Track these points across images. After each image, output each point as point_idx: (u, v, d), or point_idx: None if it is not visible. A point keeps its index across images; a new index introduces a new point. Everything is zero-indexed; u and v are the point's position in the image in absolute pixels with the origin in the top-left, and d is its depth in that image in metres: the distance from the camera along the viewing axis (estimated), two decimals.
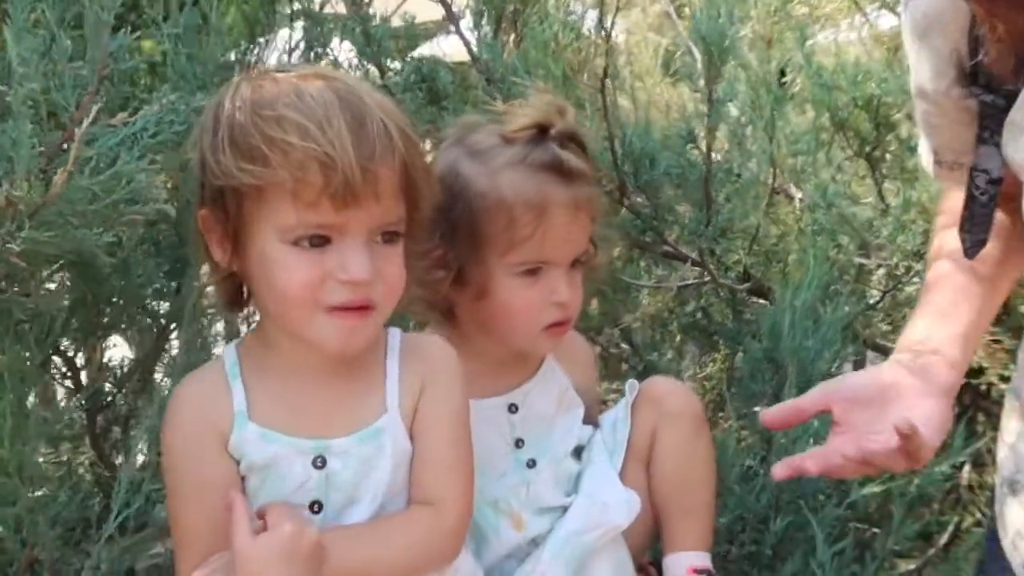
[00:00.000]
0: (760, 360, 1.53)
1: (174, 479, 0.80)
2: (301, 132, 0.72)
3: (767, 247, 1.94)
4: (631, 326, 2.01)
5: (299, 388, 0.82)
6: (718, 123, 1.41)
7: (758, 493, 1.39)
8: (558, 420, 1.05)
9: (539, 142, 0.96)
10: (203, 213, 0.78)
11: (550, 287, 0.96)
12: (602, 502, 1.01)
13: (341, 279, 0.75)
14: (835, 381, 0.91)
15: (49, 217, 0.68)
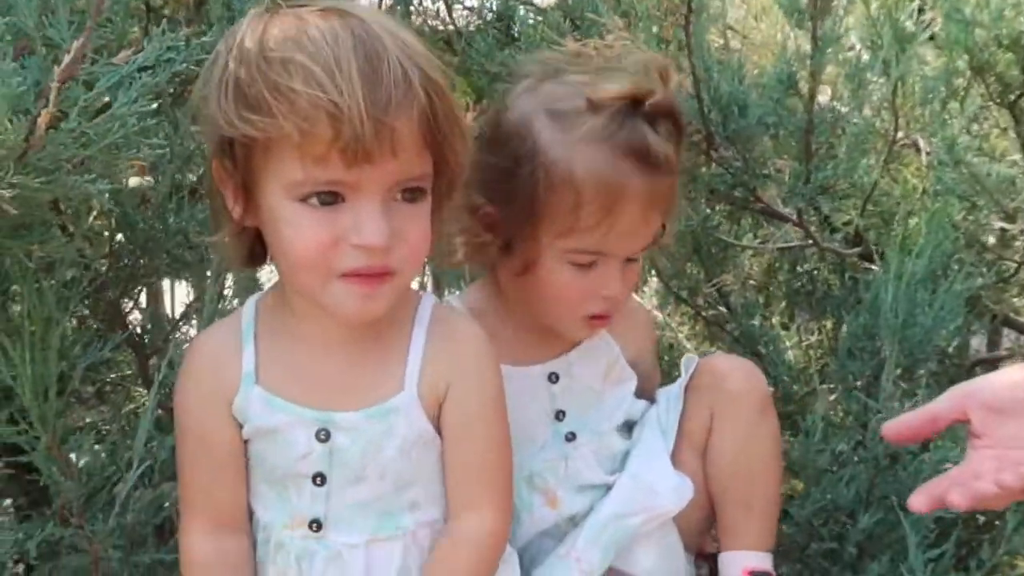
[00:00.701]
0: (860, 335, 1.37)
1: (180, 435, 0.78)
2: (306, 78, 0.64)
3: (885, 207, 1.74)
4: (730, 288, 1.87)
5: (312, 354, 0.77)
6: (824, 65, 1.24)
7: (847, 483, 1.25)
8: (605, 393, 0.97)
9: (629, 116, 0.84)
10: (215, 164, 0.72)
11: (602, 280, 0.88)
12: (649, 484, 0.92)
13: (355, 243, 0.68)
14: (974, 383, 0.76)
15: (40, 162, 0.65)
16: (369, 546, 0.77)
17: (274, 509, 0.79)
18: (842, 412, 1.53)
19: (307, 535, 0.77)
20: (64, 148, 0.66)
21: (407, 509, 0.79)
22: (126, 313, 1.08)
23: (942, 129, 1.53)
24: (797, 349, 1.93)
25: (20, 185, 0.65)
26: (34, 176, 0.65)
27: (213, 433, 0.76)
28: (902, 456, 1.24)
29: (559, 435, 0.94)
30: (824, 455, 1.28)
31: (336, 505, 0.77)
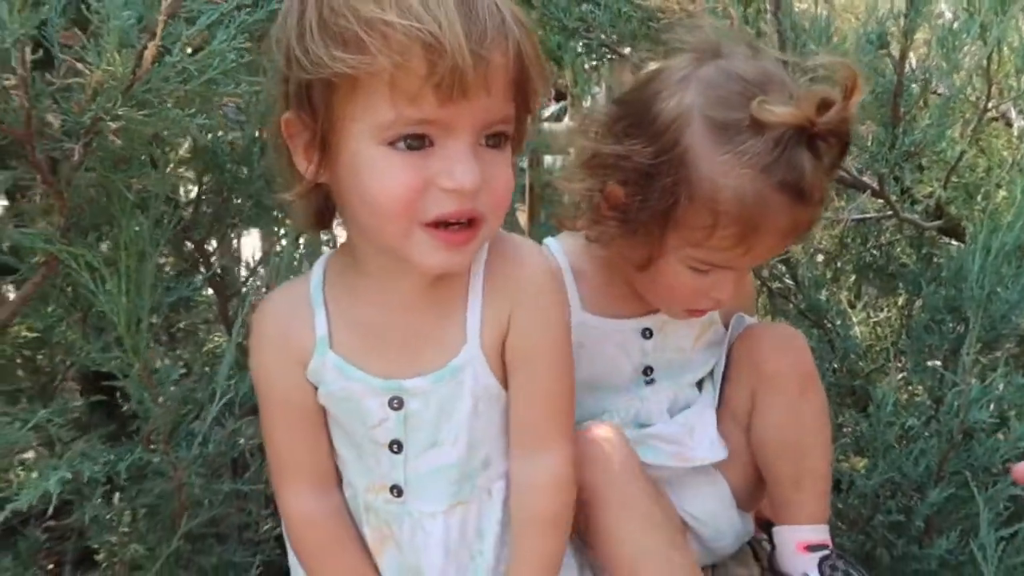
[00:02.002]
0: (940, 308, 1.33)
1: (261, 400, 0.79)
2: (401, 9, 0.61)
3: (971, 180, 1.67)
4: (798, 260, 1.83)
5: (380, 317, 0.75)
6: (917, 26, 1.19)
7: (917, 457, 1.23)
8: (695, 355, 0.96)
9: (793, 144, 0.78)
10: (287, 117, 0.68)
11: (717, 285, 0.85)
12: (690, 426, 0.92)
13: (446, 187, 0.65)
14: None
15: (142, 96, 0.67)
16: (447, 513, 0.78)
17: (356, 472, 0.79)
18: (911, 389, 1.50)
19: (390, 500, 0.78)
20: (167, 82, 0.68)
21: (481, 468, 0.79)
22: (210, 255, 1.11)
23: None
24: (864, 326, 1.88)
25: (125, 117, 0.67)
26: (138, 109, 0.67)
27: (292, 396, 0.77)
28: (976, 432, 1.21)
29: (639, 382, 0.94)
30: (893, 429, 1.26)
31: (414, 471, 0.77)
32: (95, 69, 0.65)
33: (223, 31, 0.70)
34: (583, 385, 0.89)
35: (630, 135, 0.82)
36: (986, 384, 1.20)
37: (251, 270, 1.18)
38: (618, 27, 1.40)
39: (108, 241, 0.83)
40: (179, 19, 0.70)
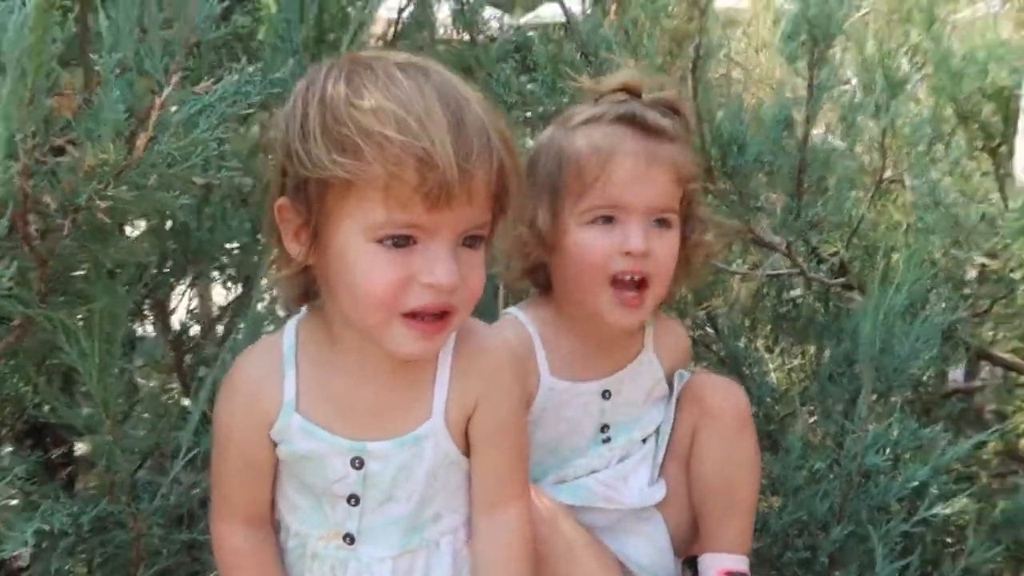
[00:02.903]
0: (841, 362, 1.47)
1: (218, 448, 0.84)
2: (400, 125, 0.68)
3: (870, 241, 1.85)
4: (718, 311, 1.97)
5: (348, 384, 0.81)
6: (818, 110, 1.35)
7: (822, 497, 1.35)
8: (645, 409, 1.06)
9: (625, 102, 0.97)
10: (281, 203, 0.74)
11: (623, 236, 0.93)
12: (624, 475, 1.02)
13: (426, 283, 0.72)
14: None
15: (133, 178, 0.74)
16: (396, 559, 0.84)
17: (310, 522, 0.84)
18: (820, 433, 1.64)
19: (341, 546, 0.84)
20: (154, 167, 0.75)
21: (431, 522, 0.84)
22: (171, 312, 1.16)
23: (926, 171, 1.64)
24: (780, 372, 2.03)
25: (115, 197, 0.74)
26: (127, 190, 0.74)
27: (251, 451, 0.82)
28: (874, 475, 1.35)
29: (598, 441, 1.03)
30: (801, 472, 1.38)
31: (368, 522, 0.83)
32: (90, 153, 0.72)
33: (204, 120, 0.78)
34: (546, 446, 1.00)
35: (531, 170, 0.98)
36: (881, 430, 1.34)
37: (206, 328, 1.23)
38: (553, 99, 1.52)
39: (81, 304, 0.88)
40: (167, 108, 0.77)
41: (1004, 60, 1.52)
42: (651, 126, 0.96)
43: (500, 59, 1.55)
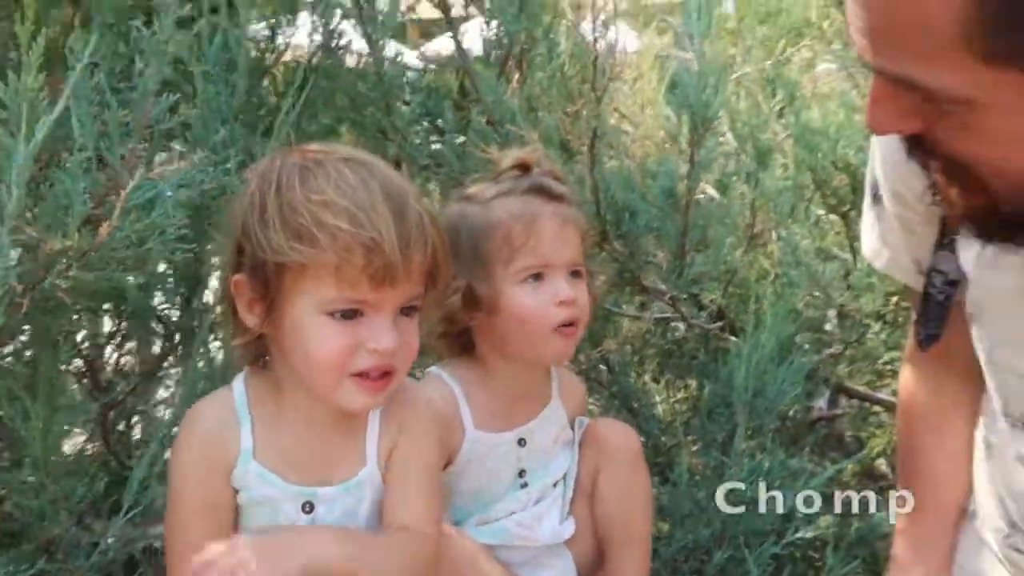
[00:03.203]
0: (718, 403, 1.65)
1: (178, 498, 0.89)
2: (351, 218, 0.80)
3: (744, 289, 2.06)
4: (609, 350, 2.13)
5: (298, 439, 0.90)
6: (698, 183, 1.53)
7: (705, 525, 1.52)
8: (554, 454, 1.18)
9: (522, 176, 1.12)
10: (238, 279, 0.84)
11: (553, 289, 1.07)
12: (539, 516, 1.14)
13: (372, 348, 0.83)
14: None
15: (93, 261, 0.80)
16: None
17: None
18: (702, 465, 1.81)
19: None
20: (114, 251, 0.81)
21: None
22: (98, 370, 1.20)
23: (789, 231, 1.87)
24: (665, 405, 2.22)
25: (76, 278, 0.80)
26: (88, 271, 0.80)
27: (212, 498, 0.88)
28: (750, 504, 1.52)
29: (516, 486, 1.14)
30: (687, 501, 1.55)
31: None
32: (55, 239, 0.78)
33: (160, 206, 0.85)
34: (470, 493, 1.10)
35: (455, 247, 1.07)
36: (755, 463, 1.52)
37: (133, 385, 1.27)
38: (463, 162, 1.64)
39: (26, 370, 0.93)
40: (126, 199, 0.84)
41: (852, 139, 1.76)
42: (557, 193, 1.11)
43: (412, 122, 1.67)
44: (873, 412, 2.38)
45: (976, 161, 0.66)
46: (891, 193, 0.89)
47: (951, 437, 0.99)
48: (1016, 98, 0.60)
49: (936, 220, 0.87)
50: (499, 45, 1.68)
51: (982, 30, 0.57)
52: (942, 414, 1.00)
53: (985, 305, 0.85)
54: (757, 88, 2.19)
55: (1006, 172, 0.65)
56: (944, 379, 0.99)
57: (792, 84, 1.90)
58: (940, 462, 1.00)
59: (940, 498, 1.00)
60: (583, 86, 1.70)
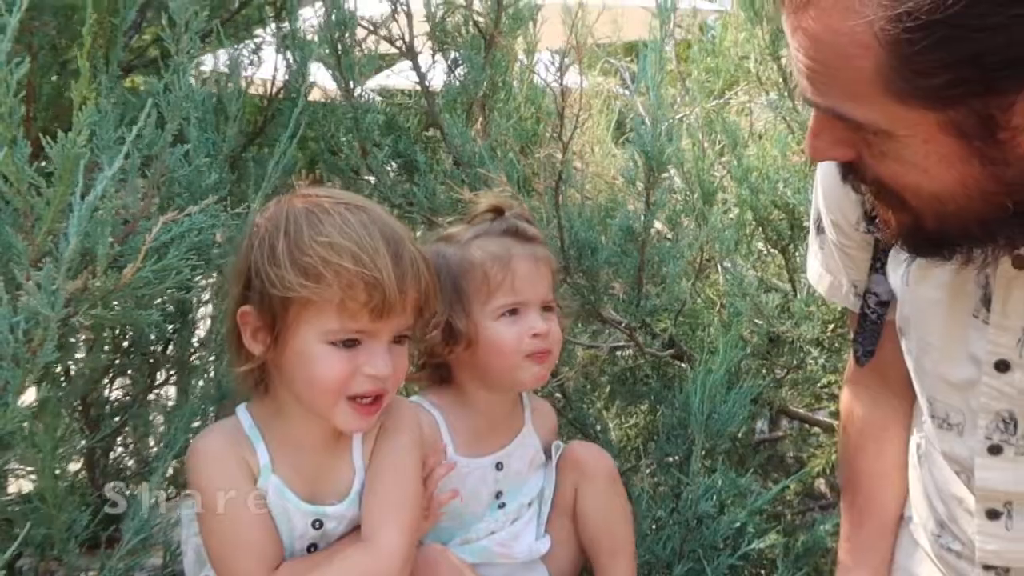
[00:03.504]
0: (675, 425, 1.76)
1: (216, 517, 0.93)
2: (354, 258, 0.89)
3: (693, 318, 2.19)
4: (566, 378, 2.23)
5: (302, 457, 0.98)
6: (653, 222, 1.65)
7: (665, 541, 1.61)
8: (529, 476, 1.27)
9: (496, 219, 1.22)
10: (245, 310, 0.93)
11: (527, 324, 1.16)
12: (516, 534, 1.23)
13: (368, 374, 0.92)
14: None
15: (114, 299, 0.86)
16: None
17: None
18: (659, 485, 1.92)
19: None
20: (134, 289, 0.87)
21: None
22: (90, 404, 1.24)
23: (733, 266, 2.01)
24: (619, 430, 2.32)
25: (97, 316, 0.86)
26: (106, 310, 0.86)
27: (246, 510, 0.93)
28: (705, 520, 1.63)
29: (494, 507, 1.23)
30: (648, 520, 1.64)
31: None
32: (81, 278, 0.84)
33: (175, 248, 0.92)
34: (451, 515, 1.17)
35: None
36: (709, 482, 1.63)
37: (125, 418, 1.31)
38: (432, 202, 1.73)
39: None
40: (140, 234, 0.91)
41: (789, 180, 1.92)
42: (529, 234, 1.22)
43: (385, 162, 1.75)
44: (812, 433, 2.54)
45: (897, 184, 0.77)
46: (831, 223, 1.02)
47: (888, 447, 1.11)
48: (925, 132, 0.71)
49: (869, 247, 1.01)
50: (464, 91, 1.79)
51: (895, 75, 0.68)
52: (879, 426, 1.12)
53: (912, 318, 0.96)
54: (697, 128, 2.34)
55: (921, 194, 0.76)
56: (880, 394, 1.11)
57: (732, 127, 2.04)
58: (878, 471, 1.11)
59: (879, 504, 1.12)
60: (538, 126, 1.82)
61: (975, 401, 0.90)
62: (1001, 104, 0.68)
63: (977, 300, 0.88)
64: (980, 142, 0.70)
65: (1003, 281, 0.85)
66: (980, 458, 0.91)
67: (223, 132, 1.24)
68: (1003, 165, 0.71)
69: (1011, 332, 0.86)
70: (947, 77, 0.66)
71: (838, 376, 2.16)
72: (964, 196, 0.74)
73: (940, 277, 0.90)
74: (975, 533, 0.94)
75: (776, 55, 2.06)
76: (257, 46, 1.66)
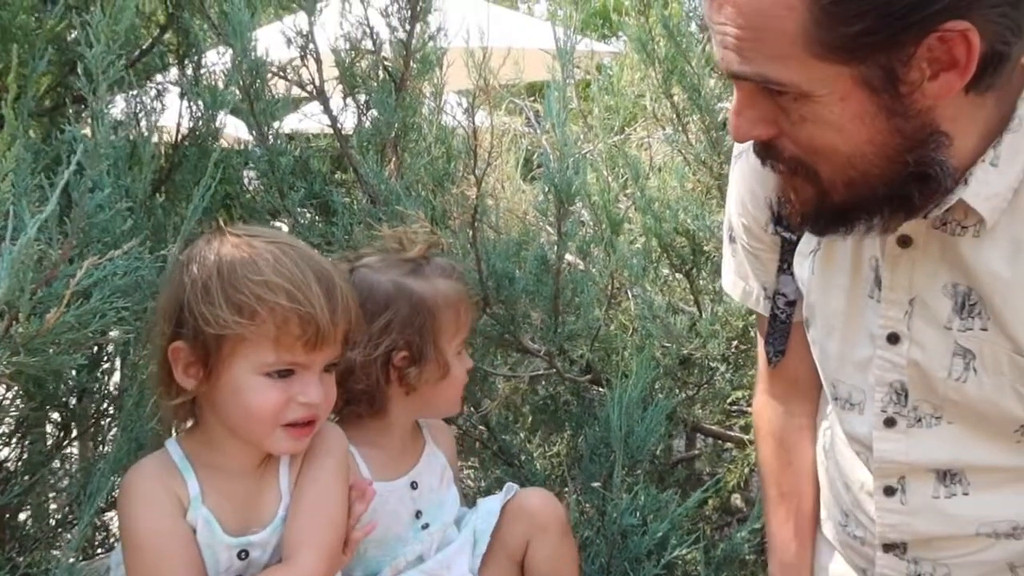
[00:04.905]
0: (597, 444, 1.83)
1: (136, 549, 0.94)
2: (288, 295, 0.93)
3: (607, 343, 2.27)
4: (487, 410, 2.26)
5: (233, 485, 1.00)
6: (565, 252, 1.73)
7: (593, 558, 1.67)
8: (443, 492, 1.30)
9: (426, 260, 1.27)
10: (176, 346, 0.95)
11: (467, 361, 1.27)
12: (447, 564, 1.25)
13: (302, 402, 0.96)
14: None
15: (36, 345, 0.86)
16: None
17: None
18: (583, 506, 1.97)
19: None
20: (57, 335, 0.87)
21: None
22: None
23: (643, 289, 2.11)
24: (543, 459, 2.37)
25: (18, 363, 0.85)
26: (29, 356, 0.86)
27: (175, 541, 0.94)
28: (630, 535, 1.69)
29: (417, 528, 1.24)
30: (575, 541, 1.69)
31: None
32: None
33: (98, 291, 0.92)
34: (375, 541, 1.18)
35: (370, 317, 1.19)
36: (631, 498, 1.70)
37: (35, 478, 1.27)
38: (350, 241, 1.76)
39: None
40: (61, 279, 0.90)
41: (689, 208, 2.04)
42: (464, 278, 1.31)
43: (300, 204, 1.77)
44: (726, 449, 2.65)
45: (812, 150, 0.85)
46: (742, 227, 1.11)
47: (800, 452, 1.19)
48: (841, 89, 0.79)
49: (777, 248, 1.09)
50: (376, 133, 1.84)
51: (813, 30, 0.76)
52: (792, 432, 1.19)
53: (817, 305, 1.04)
54: (601, 163, 2.46)
55: (834, 159, 0.84)
56: (791, 403, 1.19)
57: (634, 160, 2.16)
58: (798, 468, 1.19)
59: (800, 499, 1.19)
60: (449, 165, 1.88)
61: (872, 376, 0.99)
62: (901, 57, 0.76)
63: (871, 282, 0.97)
64: (886, 95, 0.78)
65: (890, 259, 0.94)
66: (877, 431, 1.00)
67: (136, 178, 1.25)
68: (903, 118, 0.80)
69: (898, 305, 0.95)
70: (860, 27, 0.75)
71: (744, 392, 2.28)
72: (873, 154, 0.82)
73: (841, 264, 0.99)
74: (874, 511, 1.03)
75: (669, 93, 2.20)
76: (159, 92, 1.66)
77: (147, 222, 1.22)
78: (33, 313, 0.87)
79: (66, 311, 0.86)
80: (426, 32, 1.72)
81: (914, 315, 0.94)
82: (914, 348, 0.95)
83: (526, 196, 3.05)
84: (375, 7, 1.72)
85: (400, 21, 1.70)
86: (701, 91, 2.08)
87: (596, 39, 5.26)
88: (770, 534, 1.23)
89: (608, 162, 2.21)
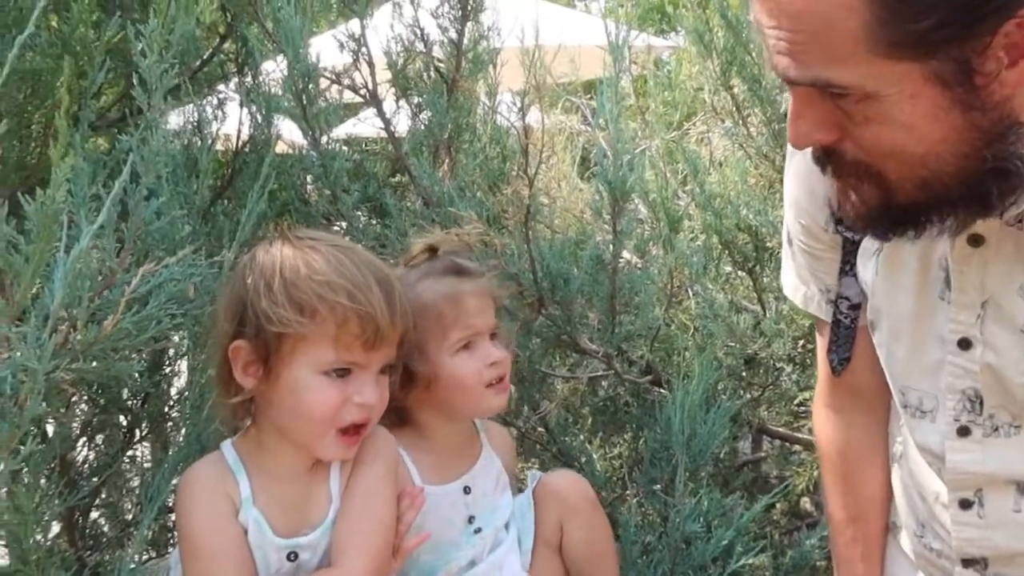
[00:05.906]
0: (658, 447, 1.78)
1: (194, 550, 0.96)
2: (349, 295, 0.95)
3: (668, 343, 2.22)
4: (547, 411, 2.24)
5: (283, 489, 1.01)
6: (621, 251, 1.69)
7: (655, 566, 1.62)
8: (497, 497, 1.28)
9: (432, 258, 1.25)
10: (238, 345, 0.96)
11: (484, 354, 1.20)
12: (499, 565, 1.24)
13: (358, 402, 0.97)
14: None
15: (95, 352, 0.87)
16: None
17: None
18: (645, 510, 1.93)
19: None
20: (114, 342, 0.88)
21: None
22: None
23: (705, 290, 2.06)
24: (603, 460, 2.33)
25: (79, 369, 0.87)
26: (88, 362, 0.87)
27: (230, 542, 0.95)
28: (694, 541, 1.64)
29: (470, 532, 1.23)
30: (636, 546, 1.65)
31: None
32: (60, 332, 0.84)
33: (154, 298, 0.93)
34: (427, 545, 1.16)
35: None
36: (694, 503, 1.65)
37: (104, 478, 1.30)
38: (404, 243, 1.76)
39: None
40: (118, 287, 0.92)
41: (751, 204, 1.98)
42: (469, 269, 1.26)
43: (355, 207, 1.78)
44: (794, 451, 2.57)
45: (879, 152, 0.80)
46: (801, 227, 1.06)
47: (864, 472, 1.12)
48: (911, 87, 0.74)
49: (839, 248, 1.04)
50: (429, 135, 1.83)
51: (877, 29, 0.72)
52: (855, 449, 1.13)
53: (883, 308, 0.99)
54: (659, 159, 2.40)
55: (904, 159, 0.79)
56: (853, 416, 1.13)
57: (693, 156, 2.11)
58: (862, 492, 1.13)
59: (866, 523, 1.13)
60: (504, 165, 1.86)
61: (943, 382, 0.93)
62: (976, 48, 0.72)
63: (941, 282, 0.92)
64: (961, 89, 0.73)
65: (960, 259, 0.89)
66: (950, 441, 0.94)
67: (194, 186, 1.27)
68: (980, 111, 0.75)
69: (970, 309, 0.90)
70: (930, 22, 0.70)
71: (811, 392, 2.20)
72: (947, 152, 0.77)
73: (909, 264, 0.94)
74: (951, 524, 0.97)
75: (728, 85, 2.14)
76: (220, 101, 1.69)
77: (206, 228, 1.24)
78: (92, 320, 0.88)
79: (123, 317, 0.87)
80: (477, 32, 1.71)
81: (987, 318, 0.89)
82: (988, 353, 0.89)
83: (583, 195, 3.01)
84: (425, 7, 1.72)
85: (451, 21, 1.69)
86: (762, 82, 2.02)
87: (654, 34, 5.19)
88: (836, 554, 1.18)
89: (667, 158, 2.16)
